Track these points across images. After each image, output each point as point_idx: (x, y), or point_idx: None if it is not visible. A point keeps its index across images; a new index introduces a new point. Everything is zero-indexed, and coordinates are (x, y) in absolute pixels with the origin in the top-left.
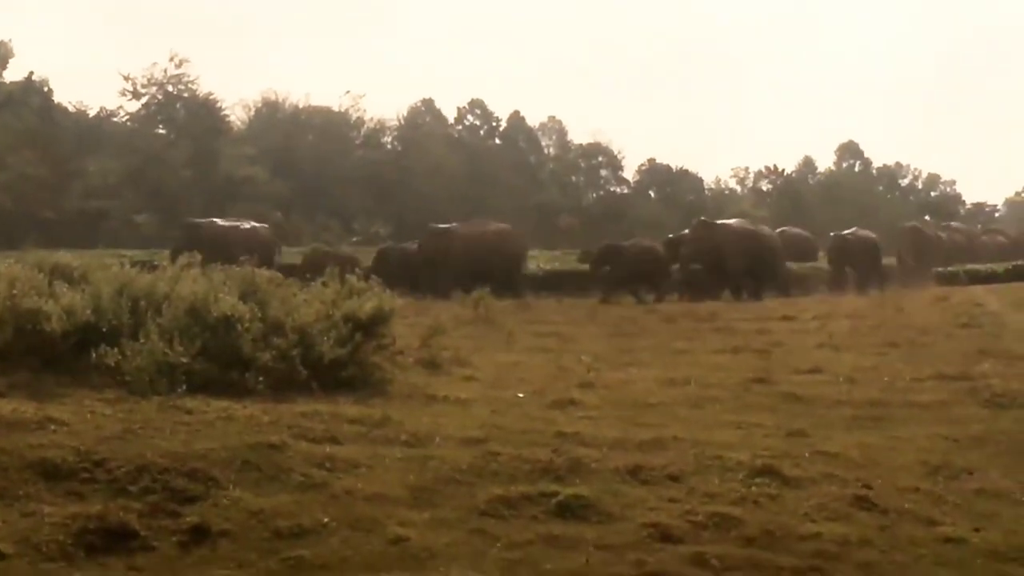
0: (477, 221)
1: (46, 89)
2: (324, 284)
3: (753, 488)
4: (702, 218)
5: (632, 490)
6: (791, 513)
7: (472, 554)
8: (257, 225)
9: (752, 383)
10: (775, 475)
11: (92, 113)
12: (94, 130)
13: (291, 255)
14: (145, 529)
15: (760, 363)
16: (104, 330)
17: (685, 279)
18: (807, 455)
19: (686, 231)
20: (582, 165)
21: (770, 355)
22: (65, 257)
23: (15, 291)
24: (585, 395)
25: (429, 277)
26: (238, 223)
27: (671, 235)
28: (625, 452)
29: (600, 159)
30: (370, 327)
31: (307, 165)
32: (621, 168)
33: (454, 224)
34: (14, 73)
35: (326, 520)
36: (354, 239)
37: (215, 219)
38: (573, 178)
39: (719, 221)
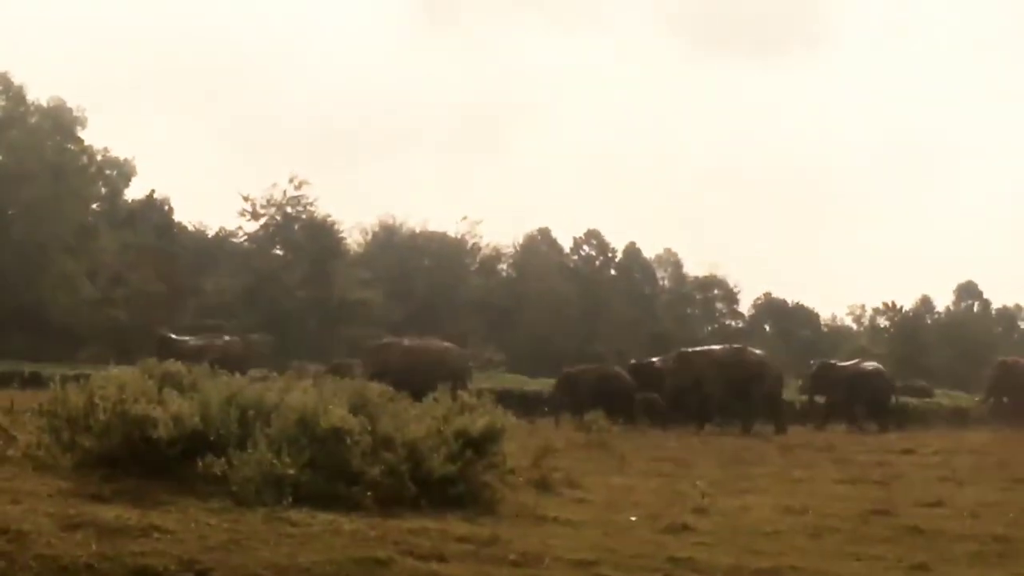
0: (421, 337)
1: (166, 208)
2: (435, 400)
3: None
4: (682, 349)
5: None
6: None
7: None
8: (230, 339)
9: (872, 514)
10: None
11: (211, 232)
12: (212, 249)
13: None
14: None
15: (880, 494)
16: (212, 439)
17: (652, 407)
18: None
19: (654, 359)
20: (697, 297)
21: (890, 487)
22: (175, 365)
23: (124, 397)
24: (699, 521)
25: None
26: (213, 339)
27: (633, 361)
28: None
29: (715, 292)
30: (481, 444)
31: (422, 290)
32: (737, 302)
33: (396, 339)
34: (136, 191)
35: None
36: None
37: (187, 337)
38: (688, 310)
39: (699, 348)
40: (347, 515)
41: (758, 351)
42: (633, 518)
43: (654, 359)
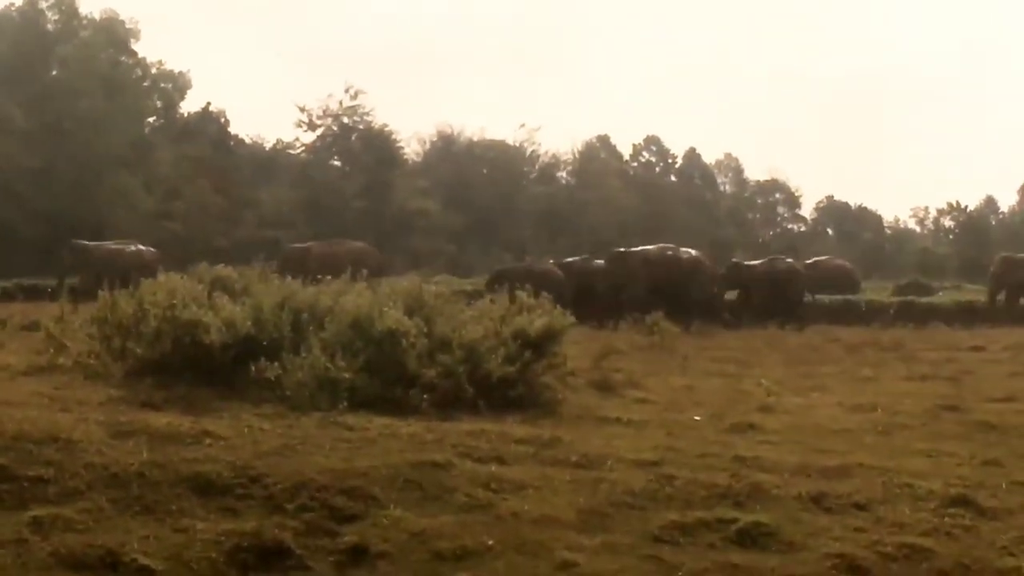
0: (335, 240)
1: (222, 120)
2: (492, 301)
3: (946, 519)
4: (615, 249)
5: (815, 518)
6: (988, 546)
7: None
8: (143, 248)
9: (942, 410)
10: (969, 505)
11: (268, 145)
12: (269, 161)
13: None
14: (301, 548)
15: (950, 391)
16: (265, 343)
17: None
18: (1003, 485)
19: (576, 257)
20: (759, 202)
21: (960, 383)
22: (226, 270)
23: (174, 302)
24: (765, 419)
25: None
26: (124, 245)
27: (552, 260)
28: (808, 479)
29: (777, 196)
30: (540, 345)
31: (481, 198)
32: (798, 205)
33: (310, 243)
34: (192, 104)
35: (491, 543)
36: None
37: (102, 242)
38: (749, 215)
39: (633, 249)
40: (404, 419)
41: (692, 251)
42: (697, 418)
43: (571, 259)
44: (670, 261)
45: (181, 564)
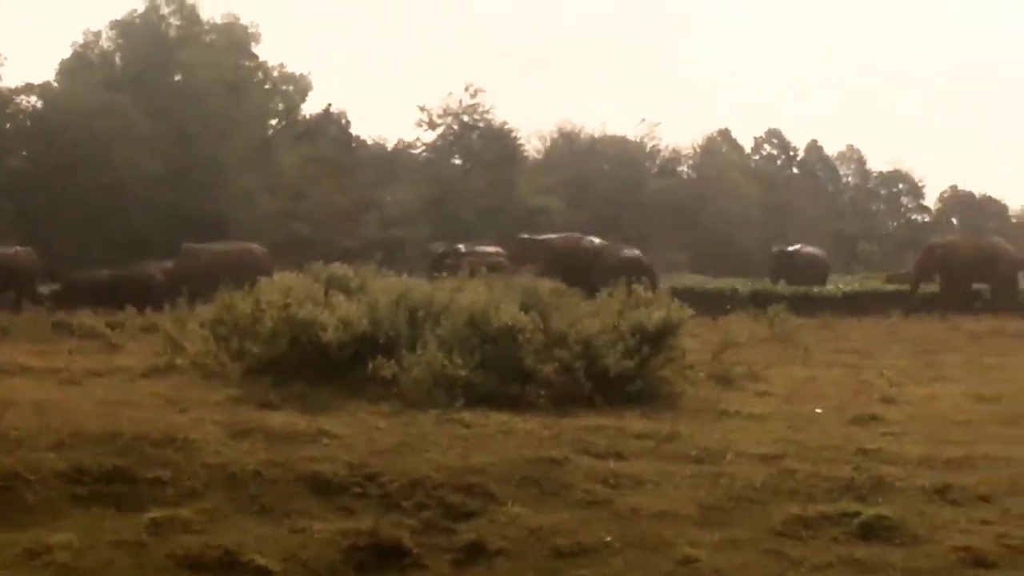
0: (231, 242)
1: (344, 121)
2: (610, 295)
3: None
4: (520, 235)
5: (940, 511)
6: None
7: None
8: (20, 249)
9: None
10: None
11: (390, 145)
12: (391, 161)
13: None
14: (417, 546)
15: None
16: (381, 341)
17: None
18: None
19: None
20: (882, 193)
21: None
22: (341, 268)
23: (290, 301)
24: (888, 411)
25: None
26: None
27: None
28: (932, 470)
29: (900, 187)
30: (658, 339)
31: (603, 194)
32: (922, 196)
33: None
34: (313, 106)
35: (609, 539)
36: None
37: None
38: (872, 206)
39: (538, 236)
40: (521, 415)
41: (596, 239)
42: (818, 410)
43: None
44: (573, 249)
45: (298, 564)
